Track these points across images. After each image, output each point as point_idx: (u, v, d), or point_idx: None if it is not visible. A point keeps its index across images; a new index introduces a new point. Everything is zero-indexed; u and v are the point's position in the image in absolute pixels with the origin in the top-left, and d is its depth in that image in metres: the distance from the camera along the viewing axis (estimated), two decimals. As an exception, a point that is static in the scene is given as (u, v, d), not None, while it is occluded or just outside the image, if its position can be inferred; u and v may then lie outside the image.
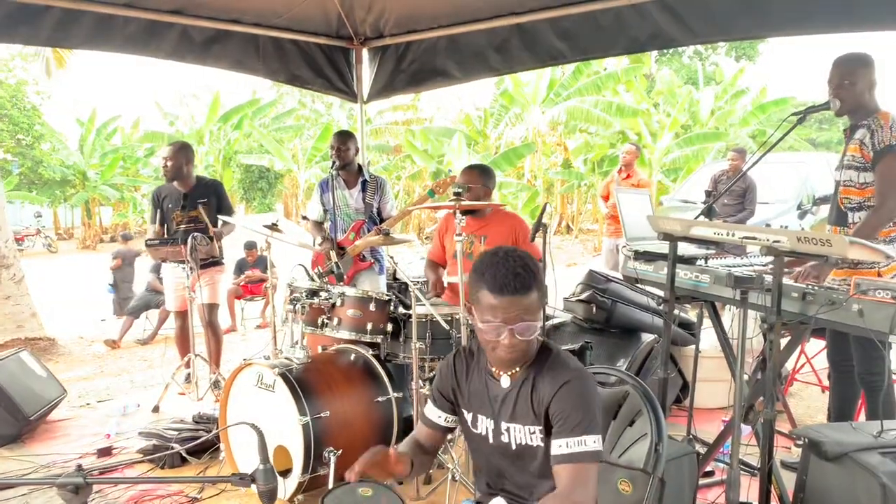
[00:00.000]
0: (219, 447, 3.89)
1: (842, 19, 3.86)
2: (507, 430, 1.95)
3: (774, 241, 2.54)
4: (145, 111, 25.77)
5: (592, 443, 1.80)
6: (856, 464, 2.55)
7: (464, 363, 2.05)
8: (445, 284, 4.24)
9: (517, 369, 1.94)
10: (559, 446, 1.81)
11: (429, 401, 2.14)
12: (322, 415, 3.29)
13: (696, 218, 3.31)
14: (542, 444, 1.89)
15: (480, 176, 4.10)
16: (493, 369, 1.97)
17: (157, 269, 8.16)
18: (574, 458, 1.78)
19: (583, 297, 4.77)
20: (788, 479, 2.98)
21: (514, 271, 1.80)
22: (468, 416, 2.03)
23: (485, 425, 1.99)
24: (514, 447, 1.95)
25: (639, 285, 3.93)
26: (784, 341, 2.95)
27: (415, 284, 3.61)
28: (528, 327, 1.81)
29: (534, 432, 1.90)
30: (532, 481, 1.95)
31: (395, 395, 3.61)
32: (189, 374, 5.32)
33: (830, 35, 4.11)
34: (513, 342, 1.82)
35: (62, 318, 9.66)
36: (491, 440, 1.99)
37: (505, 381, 1.96)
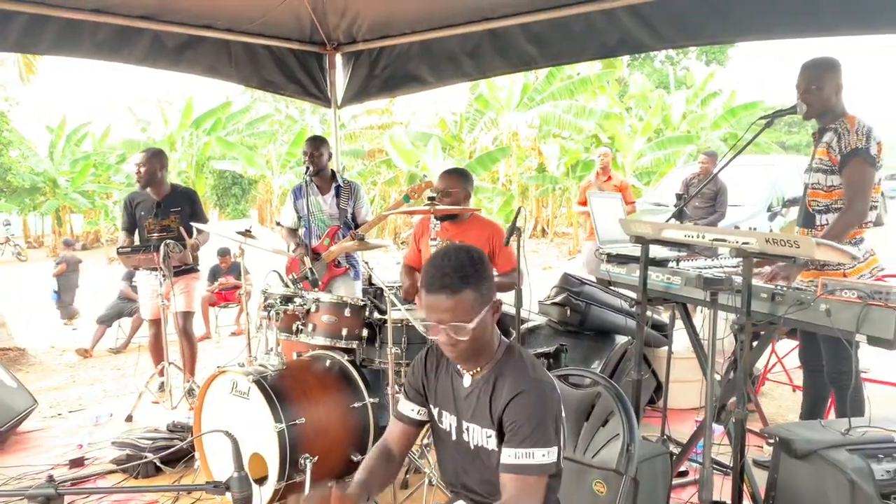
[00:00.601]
0: (193, 456, 3.85)
1: (807, 24, 3.94)
2: (468, 429, 1.97)
3: (743, 243, 2.58)
4: (116, 117, 25.30)
5: (541, 456, 1.79)
6: (824, 461, 2.59)
7: (434, 359, 2.08)
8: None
9: (479, 368, 1.95)
10: (507, 456, 1.82)
11: (401, 397, 2.16)
12: (297, 421, 3.28)
13: (667, 221, 3.36)
14: (496, 449, 1.91)
15: (460, 180, 4.10)
16: (459, 367, 2.00)
17: (129, 277, 8.07)
18: (520, 470, 1.79)
19: (557, 299, 4.80)
20: (761, 478, 3.02)
21: (443, 271, 1.81)
22: (435, 412, 2.06)
23: (448, 422, 2.02)
24: (472, 446, 1.97)
25: (612, 288, 3.97)
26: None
27: (390, 289, 3.62)
28: (458, 328, 1.81)
29: (490, 436, 1.92)
30: (491, 479, 1.95)
31: (371, 400, 3.60)
32: (163, 383, 5.27)
33: (798, 39, 4.18)
34: (449, 340, 1.83)
35: (33, 327, 9.52)
36: (454, 437, 2.01)
37: (467, 380, 1.98)
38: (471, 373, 1.97)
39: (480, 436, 1.95)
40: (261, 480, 3.28)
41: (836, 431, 2.75)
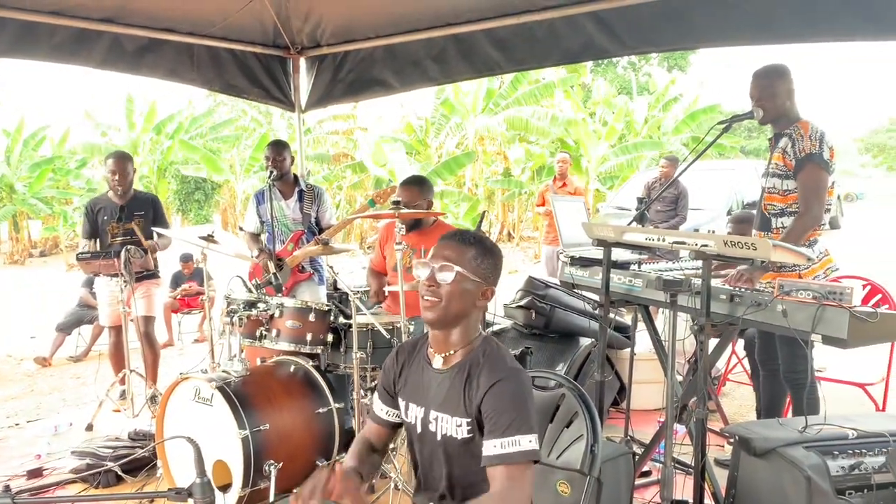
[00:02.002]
0: (156, 464, 3.80)
1: (765, 32, 4.04)
2: (436, 419, 1.96)
3: (702, 246, 2.63)
4: (75, 121, 24.76)
5: (527, 442, 1.79)
6: (782, 458, 2.65)
7: (406, 353, 2.10)
8: (387, 293, 4.24)
9: (452, 351, 1.96)
10: (493, 447, 1.80)
11: (375, 395, 2.17)
12: (262, 428, 3.25)
13: (628, 224, 3.40)
14: (467, 437, 1.90)
15: (420, 191, 4.13)
16: (430, 350, 2.01)
17: (89, 284, 7.91)
18: (508, 459, 1.78)
19: (522, 303, 4.83)
20: (722, 476, 3.08)
21: (468, 231, 2.01)
22: (402, 404, 2.07)
23: (415, 414, 2.01)
24: (438, 437, 1.95)
25: (575, 290, 4.02)
26: (714, 342, 3.06)
27: (355, 294, 3.61)
28: (445, 268, 1.90)
29: (460, 425, 1.91)
30: (454, 472, 1.95)
31: (337, 405, 3.58)
32: (124, 391, 5.18)
33: (754, 46, 4.29)
34: (433, 282, 1.91)
35: (-12, 336, 9.29)
36: (419, 429, 2.00)
37: (438, 362, 1.99)
38: (442, 355, 1.98)
39: (450, 425, 1.93)
40: (225, 488, 3.24)
41: (793, 429, 2.81)
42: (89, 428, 4.91)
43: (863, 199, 24.91)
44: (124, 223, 5.13)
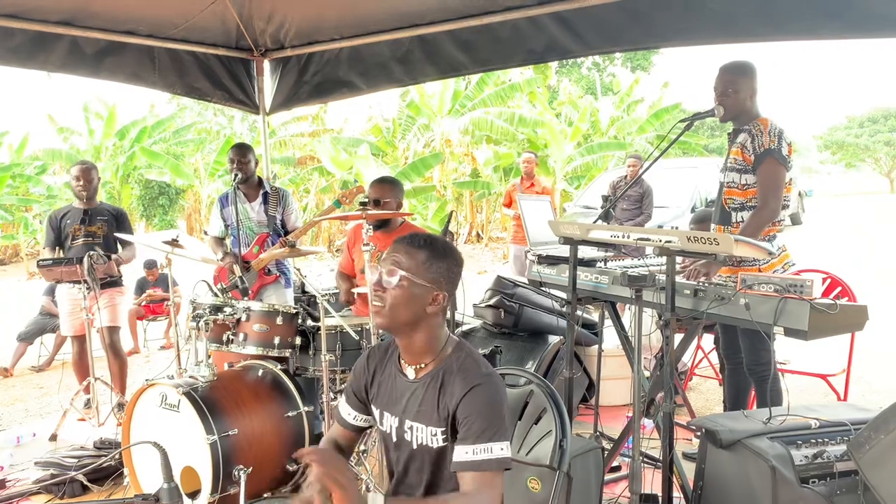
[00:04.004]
0: (122, 472, 3.74)
1: (723, 32, 4.08)
2: (411, 428, 1.94)
3: (666, 242, 2.67)
4: (36, 126, 24.29)
5: (499, 450, 1.79)
6: (747, 449, 2.69)
7: (377, 358, 2.07)
8: (356, 295, 4.23)
9: (423, 364, 1.95)
10: (465, 452, 1.80)
11: (342, 397, 2.14)
12: (230, 433, 3.22)
13: (594, 222, 3.43)
14: (441, 446, 1.89)
15: (392, 189, 4.12)
16: (402, 361, 1.99)
17: (51, 292, 7.77)
18: (479, 466, 1.78)
19: (491, 302, 4.85)
20: (690, 469, 3.12)
21: (417, 234, 1.97)
22: (376, 413, 2.05)
23: (389, 423, 2.00)
24: (414, 446, 1.94)
25: (543, 288, 4.04)
26: (680, 337, 3.10)
27: (323, 296, 3.59)
28: (392, 273, 1.88)
29: (435, 434, 1.90)
30: (428, 479, 1.95)
31: (306, 409, 3.57)
32: (89, 400, 5.09)
33: (716, 46, 4.34)
34: (379, 286, 1.90)
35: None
36: (394, 438, 1.99)
37: (410, 373, 1.97)
38: (414, 367, 1.96)
39: (425, 434, 1.91)
40: (194, 494, 3.21)
41: (757, 421, 2.85)
42: (53, 438, 4.81)
43: (811, 196, 25.51)
44: (87, 225, 5.07)
